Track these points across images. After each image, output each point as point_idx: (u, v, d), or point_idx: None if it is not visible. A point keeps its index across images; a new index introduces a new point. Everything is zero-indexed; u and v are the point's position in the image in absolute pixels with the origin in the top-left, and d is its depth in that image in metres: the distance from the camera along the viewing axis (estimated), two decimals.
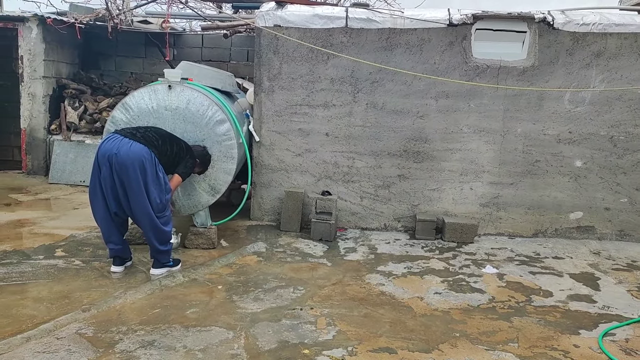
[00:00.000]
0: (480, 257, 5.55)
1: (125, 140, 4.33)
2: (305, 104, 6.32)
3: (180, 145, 4.77)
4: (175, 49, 9.62)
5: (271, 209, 6.47)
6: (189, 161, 4.80)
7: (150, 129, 4.68)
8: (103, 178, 4.33)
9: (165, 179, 4.51)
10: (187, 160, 4.78)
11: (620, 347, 3.65)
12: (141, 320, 3.71)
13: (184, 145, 4.81)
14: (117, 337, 3.45)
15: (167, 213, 4.57)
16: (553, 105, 6.11)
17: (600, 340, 3.70)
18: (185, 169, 4.77)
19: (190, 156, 4.81)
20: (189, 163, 4.79)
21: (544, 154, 6.19)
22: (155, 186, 4.35)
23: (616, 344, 3.70)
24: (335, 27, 6.17)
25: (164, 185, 4.46)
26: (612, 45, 5.98)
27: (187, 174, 4.81)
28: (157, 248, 4.54)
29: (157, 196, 4.37)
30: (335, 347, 3.46)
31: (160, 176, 4.42)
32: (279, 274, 4.80)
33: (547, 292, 4.63)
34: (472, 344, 3.61)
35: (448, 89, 6.16)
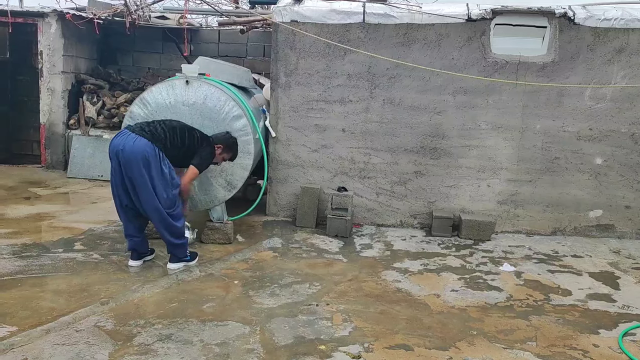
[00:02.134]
0: (498, 255, 5.50)
1: (131, 135, 4.35)
2: (322, 100, 6.31)
3: (194, 135, 4.68)
4: (192, 44, 9.65)
5: (287, 205, 6.47)
6: (205, 150, 4.69)
7: (161, 122, 4.63)
8: (113, 172, 4.40)
9: (172, 173, 4.45)
10: (203, 150, 4.68)
11: None
12: (159, 314, 3.74)
13: (198, 135, 4.72)
14: (135, 331, 3.47)
15: (177, 208, 4.54)
16: (573, 102, 6.02)
17: (620, 340, 3.65)
18: (201, 160, 4.65)
19: (206, 145, 4.72)
20: (204, 153, 4.68)
21: (563, 151, 6.11)
22: (160, 181, 4.34)
23: (636, 344, 3.65)
24: (353, 23, 6.14)
25: (169, 180, 4.41)
26: (635, 41, 5.87)
27: (203, 164, 4.69)
28: (171, 242, 4.57)
29: (163, 191, 4.36)
30: (352, 343, 3.46)
31: (166, 171, 4.38)
32: (295, 270, 4.80)
33: (566, 291, 4.58)
34: (490, 342, 3.58)
35: (466, 85, 6.10)
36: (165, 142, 4.44)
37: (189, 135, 4.65)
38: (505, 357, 3.38)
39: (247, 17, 7.92)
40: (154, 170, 4.31)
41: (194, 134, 4.72)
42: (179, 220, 4.59)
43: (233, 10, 9.01)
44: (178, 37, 9.23)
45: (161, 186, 4.35)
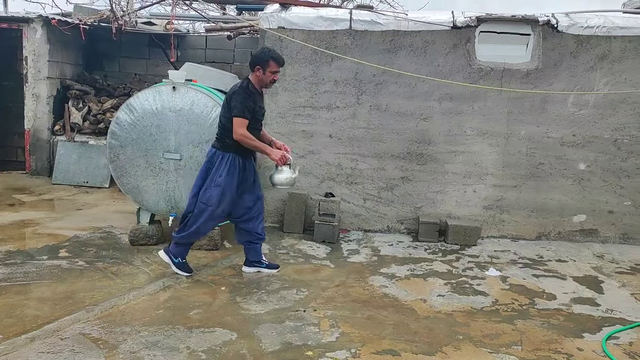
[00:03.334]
0: (484, 260, 5.54)
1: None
2: (309, 106, 6.33)
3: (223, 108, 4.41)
4: (179, 50, 9.63)
5: (274, 211, 6.47)
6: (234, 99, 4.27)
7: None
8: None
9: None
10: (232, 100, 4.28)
11: (624, 350, 3.64)
12: (145, 321, 3.71)
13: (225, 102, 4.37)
14: (121, 338, 3.45)
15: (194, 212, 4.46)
16: (557, 108, 6.11)
17: (604, 343, 3.69)
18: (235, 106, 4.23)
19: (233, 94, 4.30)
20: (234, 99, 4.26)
21: (547, 157, 6.19)
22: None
23: (620, 347, 3.69)
24: (339, 29, 6.18)
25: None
26: (617, 48, 5.97)
27: (240, 108, 4.22)
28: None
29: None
30: (339, 349, 3.46)
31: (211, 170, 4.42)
32: (282, 276, 4.80)
33: (551, 295, 4.63)
34: (476, 346, 3.60)
35: (452, 92, 6.16)
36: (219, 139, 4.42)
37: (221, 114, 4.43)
38: None
39: (235, 24, 7.94)
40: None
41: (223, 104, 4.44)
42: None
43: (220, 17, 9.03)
44: (165, 43, 9.20)
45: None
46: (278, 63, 4.39)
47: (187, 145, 5.13)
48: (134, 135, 5.13)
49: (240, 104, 4.22)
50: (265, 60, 4.32)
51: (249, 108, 4.25)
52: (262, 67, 4.33)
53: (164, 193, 5.22)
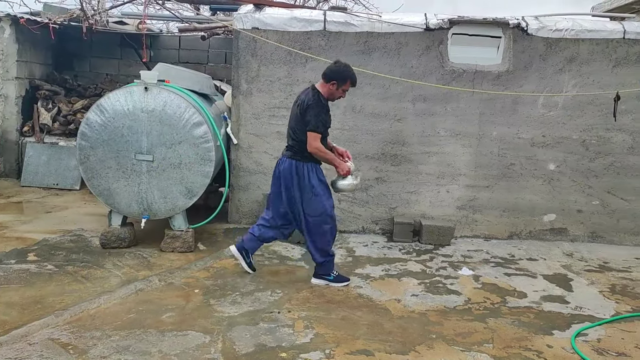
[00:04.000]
0: (457, 259, 5.60)
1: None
2: (284, 107, 6.31)
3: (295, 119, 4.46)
4: (152, 50, 9.52)
5: (249, 212, 6.44)
6: (309, 113, 4.30)
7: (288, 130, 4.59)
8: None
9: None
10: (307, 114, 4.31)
11: (592, 347, 3.72)
12: (116, 325, 3.65)
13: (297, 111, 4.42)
14: (91, 343, 3.39)
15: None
16: (527, 110, 6.22)
17: (573, 340, 3.77)
18: (310, 121, 4.29)
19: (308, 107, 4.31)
20: (309, 114, 4.30)
21: (518, 157, 6.29)
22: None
23: (588, 344, 3.77)
24: (314, 30, 6.18)
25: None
26: (584, 51, 6.11)
27: (315, 123, 4.28)
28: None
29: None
30: (313, 350, 3.46)
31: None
32: (257, 277, 4.78)
33: (522, 294, 4.70)
34: (448, 345, 3.64)
35: (425, 93, 6.22)
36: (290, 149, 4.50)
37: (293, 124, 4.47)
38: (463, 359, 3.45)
39: (209, 24, 7.88)
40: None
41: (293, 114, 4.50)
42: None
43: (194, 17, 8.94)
44: (137, 43, 9.07)
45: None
46: (353, 84, 4.50)
47: (159, 146, 5.07)
48: (104, 136, 5.05)
49: (315, 118, 4.30)
50: (343, 78, 4.40)
51: (323, 122, 4.36)
52: (338, 83, 4.40)
53: (136, 195, 5.14)
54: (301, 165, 4.45)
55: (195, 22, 8.39)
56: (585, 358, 3.52)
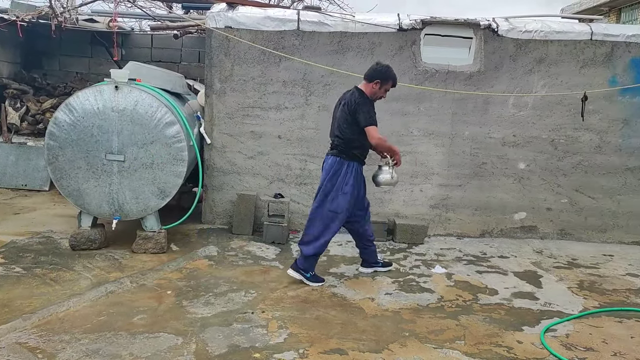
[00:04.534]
0: (430, 258, 5.66)
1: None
2: (258, 107, 6.29)
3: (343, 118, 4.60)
4: (124, 48, 9.37)
5: (223, 212, 6.40)
6: (359, 111, 4.49)
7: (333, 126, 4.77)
8: None
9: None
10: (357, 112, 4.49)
11: (561, 342, 3.80)
12: (85, 328, 3.59)
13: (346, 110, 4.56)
14: (60, 346, 3.32)
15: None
16: (498, 110, 6.32)
17: (542, 336, 3.84)
18: (363, 117, 4.47)
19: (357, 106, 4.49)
20: (360, 111, 4.48)
21: (490, 157, 6.39)
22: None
23: (557, 339, 3.85)
24: (287, 30, 6.17)
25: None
26: (553, 52, 6.23)
27: (367, 118, 4.48)
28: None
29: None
30: (287, 350, 3.45)
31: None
32: (231, 278, 4.75)
33: (493, 291, 4.78)
34: (421, 342, 3.67)
35: (398, 93, 6.23)
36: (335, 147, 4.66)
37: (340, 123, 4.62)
38: (435, 357, 3.48)
39: (181, 22, 7.80)
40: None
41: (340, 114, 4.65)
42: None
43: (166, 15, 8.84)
44: (108, 41, 8.93)
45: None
46: (394, 84, 4.73)
47: (131, 146, 5.00)
48: (74, 136, 4.96)
49: (368, 114, 4.51)
50: (386, 78, 4.61)
51: (374, 116, 4.56)
52: (381, 82, 4.60)
53: (106, 196, 5.06)
54: (344, 163, 4.63)
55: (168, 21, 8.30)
56: (554, 353, 3.59)
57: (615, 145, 6.36)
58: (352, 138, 4.57)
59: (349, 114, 4.54)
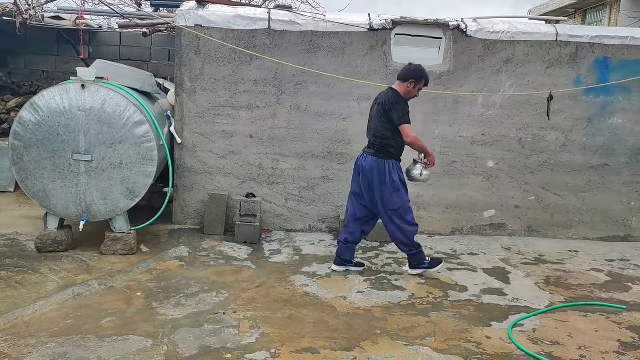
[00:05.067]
0: (402, 256, 5.67)
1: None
2: (229, 106, 6.25)
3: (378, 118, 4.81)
4: (91, 47, 9.20)
5: (194, 212, 6.34)
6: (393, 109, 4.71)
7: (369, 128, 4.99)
8: None
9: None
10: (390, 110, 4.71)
11: (528, 337, 3.88)
12: (52, 332, 3.52)
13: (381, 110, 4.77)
14: (26, 351, 3.25)
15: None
16: (467, 109, 6.41)
17: (510, 331, 3.92)
18: (397, 115, 4.71)
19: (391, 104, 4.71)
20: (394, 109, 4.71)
21: (460, 155, 6.48)
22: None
23: (525, 334, 3.93)
24: (258, 29, 6.15)
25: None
26: (520, 53, 6.35)
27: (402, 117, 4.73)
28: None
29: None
30: (258, 350, 3.45)
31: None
32: (202, 279, 4.71)
33: (463, 287, 4.85)
34: (392, 340, 3.71)
35: (370, 92, 6.27)
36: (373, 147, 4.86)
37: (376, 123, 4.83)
38: (406, 354, 3.52)
39: (151, 20, 7.70)
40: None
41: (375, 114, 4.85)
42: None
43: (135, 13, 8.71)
44: (75, 39, 8.74)
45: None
46: (426, 83, 4.94)
47: (98, 146, 4.92)
48: (39, 135, 4.85)
49: (402, 113, 4.73)
50: (420, 78, 4.82)
51: (407, 114, 4.76)
52: (416, 82, 4.81)
53: (73, 197, 4.97)
54: (383, 163, 4.80)
55: (137, 19, 8.18)
56: (521, 348, 3.67)
57: (580, 143, 6.52)
58: (388, 136, 4.78)
59: (383, 113, 4.76)
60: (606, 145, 6.53)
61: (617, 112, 6.49)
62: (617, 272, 5.50)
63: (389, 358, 3.44)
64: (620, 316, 4.34)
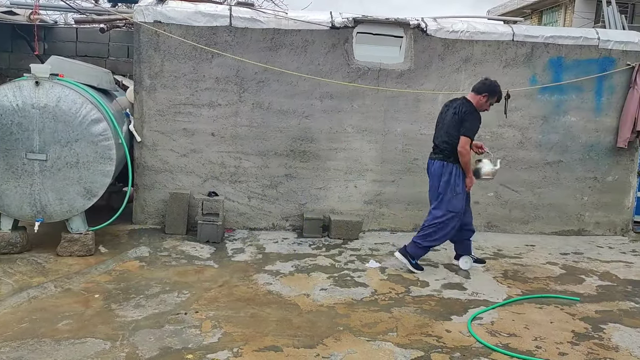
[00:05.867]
0: (365, 253, 5.76)
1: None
2: (190, 103, 6.17)
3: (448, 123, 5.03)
4: (47, 42, 8.90)
5: (155, 212, 6.23)
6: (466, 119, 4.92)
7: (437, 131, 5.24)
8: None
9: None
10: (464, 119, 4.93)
11: (486, 329, 3.97)
12: (6, 336, 3.41)
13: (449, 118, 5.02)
14: None
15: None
16: (428, 107, 6.50)
17: (469, 324, 4.01)
18: (464, 126, 4.93)
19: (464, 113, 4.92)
20: (466, 120, 4.93)
21: (421, 153, 6.55)
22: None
23: (483, 327, 4.03)
24: (219, 26, 6.09)
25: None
26: (478, 52, 6.49)
27: (469, 129, 4.93)
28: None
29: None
30: (220, 349, 3.42)
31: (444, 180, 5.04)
32: (163, 279, 4.64)
33: (424, 283, 4.93)
34: (355, 336, 3.74)
35: (332, 90, 6.32)
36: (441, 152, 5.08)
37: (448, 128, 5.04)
38: (369, 349, 3.55)
39: (108, 16, 7.52)
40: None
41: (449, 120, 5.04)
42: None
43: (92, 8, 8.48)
44: (30, 35, 8.46)
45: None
46: (499, 100, 5.16)
47: (53, 144, 4.78)
48: None
49: (471, 126, 4.96)
50: (493, 93, 5.04)
51: (475, 130, 5.02)
52: (490, 97, 5.04)
53: (28, 197, 4.81)
54: (450, 166, 5.02)
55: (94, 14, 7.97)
56: (479, 340, 3.75)
57: (536, 141, 6.71)
58: (458, 143, 4.97)
59: (458, 121, 4.95)
60: (560, 142, 6.74)
61: (570, 110, 6.71)
62: (571, 265, 5.69)
63: (351, 354, 3.47)
64: (574, 307, 4.49)
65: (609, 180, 6.89)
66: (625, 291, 4.98)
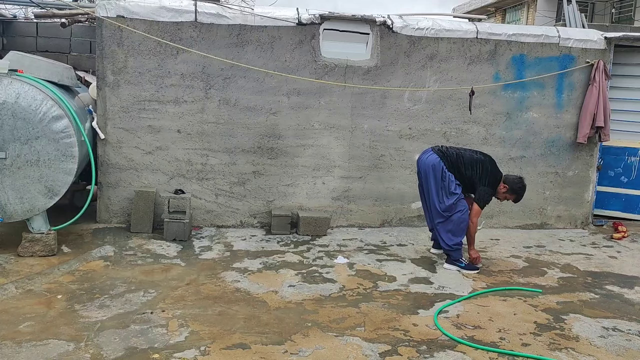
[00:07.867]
0: (333, 249, 5.79)
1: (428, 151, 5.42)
2: (155, 100, 6.08)
3: (476, 171, 5.22)
4: (5, 37, 8.63)
5: (120, 210, 6.12)
6: (483, 190, 5.22)
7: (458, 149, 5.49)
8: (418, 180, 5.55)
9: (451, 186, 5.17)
10: (481, 189, 5.22)
11: (452, 322, 4.05)
12: None
13: (480, 171, 5.22)
14: None
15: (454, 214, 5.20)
16: (395, 103, 6.57)
17: (436, 317, 4.08)
18: (479, 197, 5.24)
19: (486, 184, 5.21)
20: (482, 192, 5.23)
21: (388, 149, 6.63)
22: (436, 188, 5.22)
23: (449, 320, 4.10)
24: (184, 21, 6.00)
25: (446, 190, 5.18)
26: (443, 49, 6.58)
27: (481, 201, 5.24)
28: (444, 242, 5.27)
29: (436, 196, 5.22)
30: (187, 348, 3.40)
31: (445, 184, 5.18)
32: (129, 278, 4.57)
33: (392, 277, 4.98)
34: (323, 332, 3.76)
35: (299, 87, 6.32)
36: (450, 162, 5.21)
37: (472, 168, 5.23)
38: (337, 344, 3.58)
39: (70, 10, 7.34)
40: (433, 179, 5.23)
41: (477, 168, 5.23)
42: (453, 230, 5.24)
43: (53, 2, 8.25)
44: None
45: (435, 194, 5.23)
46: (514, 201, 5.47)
47: (13, 142, 4.65)
48: None
49: (486, 196, 5.27)
50: (517, 194, 5.34)
51: (488, 201, 5.31)
52: (508, 192, 5.33)
53: None
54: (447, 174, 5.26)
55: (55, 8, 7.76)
56: (445, 333, 3.82)
57: (499, 137, 6.85)
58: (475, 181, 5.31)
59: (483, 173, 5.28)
60: (523, 138, 6.90)
61: (532, 107, 6.87)
62: (534, 257, 5.84)
63: (319, 350, 3.49)
64: (536, 299, 4.61)
65: (570, 175, 7.09)
66: (585, 282, 5.14)
